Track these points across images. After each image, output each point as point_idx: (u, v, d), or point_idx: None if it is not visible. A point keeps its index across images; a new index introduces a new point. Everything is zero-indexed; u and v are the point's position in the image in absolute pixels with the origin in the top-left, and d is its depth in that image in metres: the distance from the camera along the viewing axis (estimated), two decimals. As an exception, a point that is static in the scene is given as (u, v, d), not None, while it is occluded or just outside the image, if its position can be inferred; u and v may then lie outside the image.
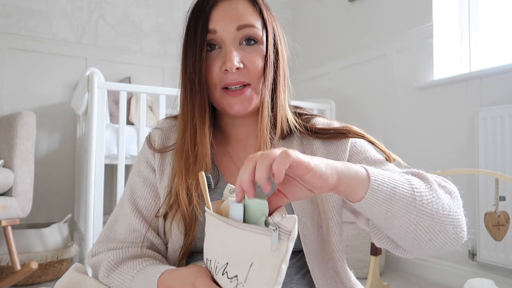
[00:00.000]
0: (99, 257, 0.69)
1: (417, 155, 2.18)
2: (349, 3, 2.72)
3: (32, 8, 2.62)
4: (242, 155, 0.75)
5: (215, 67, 0.68)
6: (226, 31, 0.67)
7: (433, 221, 0.56)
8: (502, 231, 1.33)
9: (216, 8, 0.68)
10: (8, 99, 2.52)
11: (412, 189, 0.55)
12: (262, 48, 0.70)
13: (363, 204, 0.53)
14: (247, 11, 0.69)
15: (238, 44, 0.69)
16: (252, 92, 0.69)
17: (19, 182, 1.76)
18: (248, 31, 0.68)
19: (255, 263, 0.45)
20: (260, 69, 0.69)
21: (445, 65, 2.12)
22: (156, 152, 0.75)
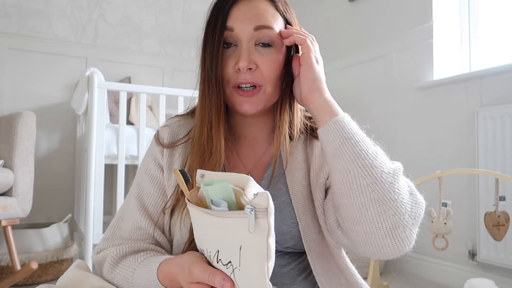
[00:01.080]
0: (104, 253, 0.70)
1: (417, 155, 2.18)
2: (349, 3, 2.72)
3: (32, 8, 2.62)
4: (249, 155, 0.76)
5: (229, 65, 0.68)
6: (243, 30, 0.67)
7: (373, 188, 0.58)
8: (502, 231, 1.33)
9: (236, 6, 0.68)
10: (8, 99, 2.52)
11: (374, 154, 0.59)
12: (278, 51, 0.69)
13: (323, 130, 0.62)
14: (267, 12, 0.69)
15: (253, 44, 0.68)
16: (263, 94, 0.69)
17: (19, 182, 1.76)
18: (265, 32, 0.68)
19: (243, 246, 0.45)
20: (273, 71, 0.68)
21: (445, 65, 2.12)
22: (164, 148, 0.75)
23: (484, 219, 1.37)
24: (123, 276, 0.65)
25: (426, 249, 2.01)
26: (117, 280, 0.66)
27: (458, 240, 1.88)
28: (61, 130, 2.66)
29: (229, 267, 0.47)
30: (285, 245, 0.70)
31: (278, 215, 0.69)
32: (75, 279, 0.65)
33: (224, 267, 0.48)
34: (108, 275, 0.67)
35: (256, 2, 0.69)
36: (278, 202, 0.70)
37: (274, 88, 0.70)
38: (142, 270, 0.63)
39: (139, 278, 0.63)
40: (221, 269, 0.49)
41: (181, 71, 3.04)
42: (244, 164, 0.75)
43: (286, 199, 0.70)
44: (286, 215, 0.69)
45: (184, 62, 3.06)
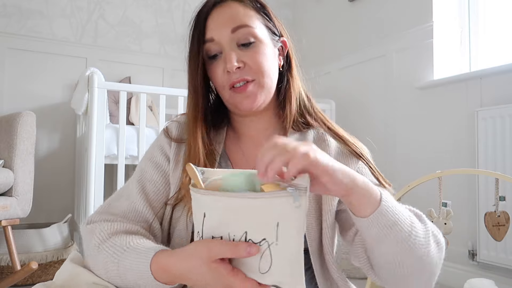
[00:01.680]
0: (93, 225, 0.68)
1: (417, 155, 2.18)
2: (349, 3, 2.72)
3: (32, 8, 2.62)
4: (253, 151, 0.77)
5: (219, 71, 0.72)
6: (222, 36, 0.71)
7: (415, 262, 0.60)
8: (502, 231, 1.33)
9: (210, 17, 0.72)
10: (8, 99, 2.52)
11: (411, 227, 0.59)
12: (261, 44, 0.72)
13: (364, 221, 0.57)
14: (239, 13, 0.72)
15: (236, 46, 0.71)
16: (256, 87, 0.71)
17: (19, 182, 1.76)
18: (242, 31, 0.71)
19: (280, 222, 0.49)
20: (262, 63, 0.71)
21: (445, 65, 2.12)
22: (172, 141, 0.77)
23: (484, 219, 1.37)
24: (110, 254, 0.62)
25: (426, 249, 2.01)
26: (103, 257, 0.62)
27: (458, 240, 1.88)
28: (61, 130, 2.66)
29: (263, 243, 0.50)
30: None
31: None
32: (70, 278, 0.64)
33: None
34: (94, 250, 0.64)
35: (227, 7, 0.72)
36: None
37: (268, 79, 0.72)
38: (131, 254, 0.60)
39: (127, 261, 0.59)
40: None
41: (181, 71, 3.00)
42: (247, 162, 0.77)
43: None
44: None
45: (184, 62, 3.04)
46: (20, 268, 1.69)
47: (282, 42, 0.78)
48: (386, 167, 2.28)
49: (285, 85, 0.78)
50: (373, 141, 0.93)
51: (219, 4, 0.73)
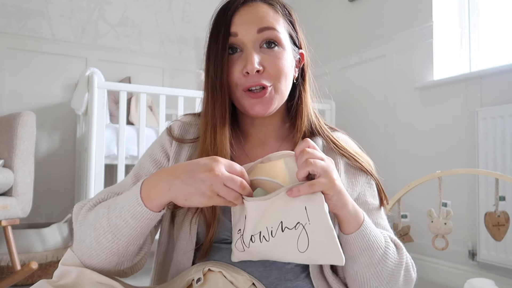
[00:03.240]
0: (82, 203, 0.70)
1: (417, 155, 2.18)
2: (349, 3, 2.72)
3: (32, 8, 2.62)
4: (259, 154, 0.76)
5: (236, 69, 0.70)
6: (247, 34, 0.69)
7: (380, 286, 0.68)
8: (502, 231, 1.33)
9: (238, 13, 0.71)
10: (8, 99, 2.52)
11: (384, 255, 0.67)
12: (283, 50, 0.72)
13: (345, 237, 0.65)
14: (268, 14, 0.71)
15: (258, 47, 0.70)
16: (272, 92, 0.71)
17: (19, 182, 1.76)
18: (268, 33, 0.70)
19: (307, 205, 0.58)
20: (281, 69, 0.71)
21: (445, 65, 2.12)
22: (174, 140, 0.76)
23: (484, 219, 1.37)
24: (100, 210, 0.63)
25: (426, 249, 2.01)
26: (92, 216, 0.64)
27: (458, 240, 1.88)
28: (61, 130, 2.66)
29: (298, 227, 0.58)
30: None
31: None
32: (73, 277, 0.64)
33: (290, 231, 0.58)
34: (83, 216, 0.66)
35: (256, 6, 0.72)
36: None
37: (284, 85, 0.72)
38: (120, 197, 0.63)
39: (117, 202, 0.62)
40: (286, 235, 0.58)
41: (181, 71, 3.04)
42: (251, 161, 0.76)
43: None
44: None
45: (184, 62, 3.05)
46: (20, 268, 1.69)
47: (300, 54, 0.78)
48: (386, 167, 2.28)
49: (297, 98, 0.78)
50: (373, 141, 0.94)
51: (249, 2, 0.72)
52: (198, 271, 0.65)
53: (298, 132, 0.77)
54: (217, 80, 0.70)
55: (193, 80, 3.03)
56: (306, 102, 0.78)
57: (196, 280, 0.63)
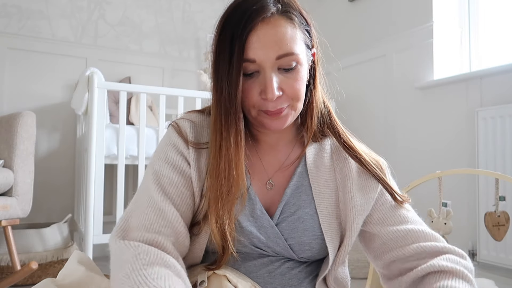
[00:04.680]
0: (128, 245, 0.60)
1: (417, 155, 2.18)
2: (349, 3, 2.72)
3: (32, 8, 2.62)
4: (271, 160, 0.76)
5: (254, 93, 0.66)
6: (266, 59, 0.64)
7: None
8: (502, 231, 1.33)
9: (255, 34, 0.63)
10: (8, 99, 2.52)
11: None
12: (301, 68, 0.68)
13: None
14: (286, 35, 0.65)
15: (277, 69, 0.66)
16: (289, 110, 0.68)
17: (19, 182, 1.76)
18: (287, 59, 0.65)
19: None
20: (299, 89, 0.68)
21: (445, 65, 2.12)
22: (189, 144, 0.70)
23: (484, 219, 1.37)
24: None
25: (426, 249, 2.01)
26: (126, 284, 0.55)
27: (458, 240, 1.88)
28: (61, 130, 2.66)
29: None
30: (301, 255, 0.71)
31: (301, 226, 0.70)
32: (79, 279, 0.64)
33: None
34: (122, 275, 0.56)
35: (275, 25, 0.64)
36: (302, 213, 0.71)
37: (301, 103, 0.70)
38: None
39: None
40: None
41: (181, 71, 3.04)
42: (266, 169, 0.75)
43: (310, 210, 0.71)
44: (308, 227, 0.70)
45: (184, 62, 3.05)
46: (20, 268, 1.69)
47: (312, 55, 0.74)
48: (386, 167, 2.28)
49: (308, 99, 0.74)
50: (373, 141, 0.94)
51: (267, 19, 0.64)
52: (202, 273, 0.65)
53: (308, 131, 0.75)
54: (231, 106, 0.64)
55: (193, 80, 3.03)
56: (316, 101, 0.75)
57: (200, 282, 0.63)
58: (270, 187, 0.73)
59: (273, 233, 0.69)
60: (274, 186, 0.73)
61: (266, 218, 0.70)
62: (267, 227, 0.69)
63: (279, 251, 0.70)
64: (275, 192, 0.73)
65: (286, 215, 0.71)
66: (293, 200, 0.71)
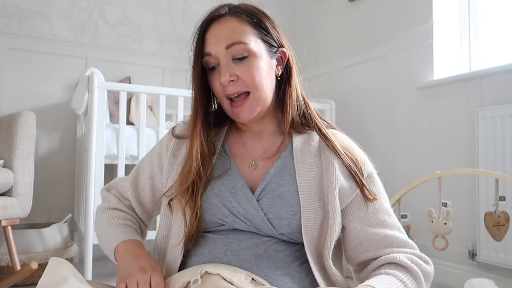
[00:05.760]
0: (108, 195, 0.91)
1: (417, 155, 2.18)
2: (349, 3, 2.72)
3: (32, 8, 2.62)
4: (256, 146, 0.83)
5: (216, 82, 0.77)
6: (218, 51, 0.76)
7: None
8: (502, 231, 1.33)
9: (209, 32, 0.78)
10: (8, 99, 2.52)
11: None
12: (255, 58, 0.76)
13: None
14: (234, 29, 0.76)
15: (231, 60, 0.76)
16: (251, 102, 0.76)
17: (19, 182, 1.76)
18: (236, 48, 0.75)
19: None
20: (255, 77, 0.75)
21: (445, 65, 2.12)
22: (173, 137, 0.85)
23: (484, 219, 1.37)
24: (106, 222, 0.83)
25: (426, 249, 2.01)
26: (98, 221, 0.87)
27: (458, 240, 1.88)
28: (61, 130, 2.66)
29: None
30: (280, 230, 0.74)
31: (280, 201, 0.74)
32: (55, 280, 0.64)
33: None
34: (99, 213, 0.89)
35: (223, 23, 0.77)
36: (282, 190, 0.75)
37: (263, 92, 0.77)
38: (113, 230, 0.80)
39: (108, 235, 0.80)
40: None
41: (181, 71, 3.04)
42: (250, 154, 0.81)
43: (291, 189, 0.75)
44: (286, 203, 0.74)
45: (184, 62, 3.02)
46: (20, 268, 1.69)
47: (281, 52, 0.81)
48: (386, 167, 2.28)
49: (281, 92, 0.81)
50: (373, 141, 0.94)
51: (217, 19, 0.77)
52: (195, 273, 0.66)
53: (285, 123, 0.81)
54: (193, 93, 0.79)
55: (193, 80, 3.02)
56: (291, 95, 0.81)
57: (193, 281, 0.64)
58: (254, 168, 0.80)
59: (252, 205, 0.74)
60: (258, 167, 0.79)
61: (246, 191, 0.75)
62: (247, 200, 0.74)
63: (259, 225, 0.73)
64: (259, 173, 0.79)
65: (267, 192, 0.75)
66: (275, 180, 0.76)
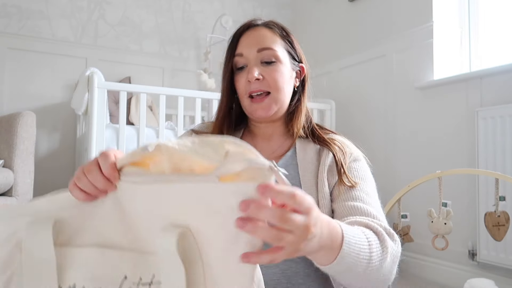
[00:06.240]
0: None
1: (417, 155, 2.18)
2: (349, 3, 2.72)
3: (32, 8, 2.62)
4: (265, 148, 0.90)
5: (242, 81, 0.86)
6: (249, 53, 0.85)
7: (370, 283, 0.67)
8: (502, 231, 1.33)
9: (243, 36, 0.87)
10: (8, 99, 2.52)
11: (369, 259, 0.62)
12: (281, 64, 0.85)
13: (323, 268, 0.58)
14: (266, 36, 0.86)
15: (259, 63, 0.85)
16: (271, 100, 0.84)
17: (19, 182, 1.75)
18: (266, 52, 0.85)
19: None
20: (279, 80, 0.84)
21: (445, 65, 2.12)
22: (193, 131, 0.93)
23: (484, 219, 1.37)
24: None
25: (426, 249, 2.01)
26: None
27: (458, 240, 1.88)
28: (61, 130, 2.66)
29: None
30: None
31: None
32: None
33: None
34: None
35: (258, 30, 0.87)
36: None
37: (282, 95, 0.85)
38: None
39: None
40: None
41: (181, 71, 3.04)
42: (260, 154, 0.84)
43: (295, 182, 0.82)
44: None
45: (184, 62, 3.05)
46: (20, 268, 1.69)
47: (300, 67, 0.91)
48: (386, 167, 2.28)
49: (295, 102, 0.90)
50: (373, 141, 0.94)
51: (253, 27, 0.88)
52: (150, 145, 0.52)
53: (296, 126, 0.89)
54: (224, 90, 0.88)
55: (193, 80, 3.03)
56: (304, 104, 0.91)
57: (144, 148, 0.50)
58: None
59: None
60: None
61: None
62: None
63: None
64: None
65: None
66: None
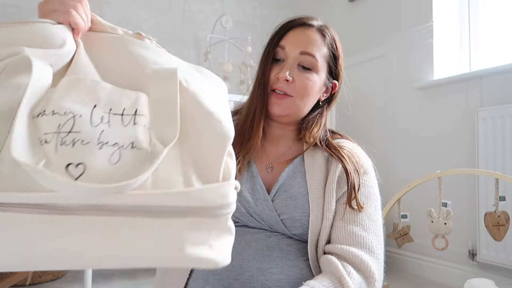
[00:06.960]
0: None
1: (417, 155, 2.18)
2: (349, 3, 2.72)
3: (32, 8, 2.62)
4: (273, 150, 0.88)
5: (273, 73, 0.82)
6: (292, 50, 0.81)
7: None
8: (502, 231, 1.33)
9: (293, 31, 0.83)
10: (8, 99, 2.52)
11: None
12: (316, 75, 0.82)
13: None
14: (315, 42, 0.82)
15: (296, 64, 0.81)
16: (289, 103, 0.82)
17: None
18: (307, 58, 0.81)
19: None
20: (307, 88, 0.81)
21: (445, 65, 2.12)
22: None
23: (484, 219, 1.37)
24: None
25: (426, 249, 2.01)
26: None
27: (458, 240, 1.88)
28: (61, 130, 2.66)
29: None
30: (293, 231, 0.77)
31: (292, 203, 0.78)
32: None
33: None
34: None
35: (309, 31, 0.83)
36: (294, 192, 0.79)
37: (303, 103, 0.83)
38: None
39: None
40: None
41: (181, 71, 3.04)
42: (268, 157, 0.86)
43: (302, 190, 0.80)
44: (299, 204, 0.78)
45: (184, 62, 3.05)
46: (20, 268, 1.69)
47: (333, 83, 0.90)
48: (386, 167, 2.28)
49: (315, 115, 0.88)
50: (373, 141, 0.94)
51: (306, 26, 0.84)
52: None
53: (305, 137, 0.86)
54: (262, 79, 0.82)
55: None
56: (320, 122, 0.88)
57: None
58: (270, 170, 0.85)
59: (267, 206, 0.78)
60: (274, 169, 0.85)
61: (263, 193, 0.79)
62: (263, 200, 0.78)
63: (272, 224, 0.77)
64: (274, 175, 0.84)
65: (280, 193, 0.80)
66: (288, 182, 0.81)
